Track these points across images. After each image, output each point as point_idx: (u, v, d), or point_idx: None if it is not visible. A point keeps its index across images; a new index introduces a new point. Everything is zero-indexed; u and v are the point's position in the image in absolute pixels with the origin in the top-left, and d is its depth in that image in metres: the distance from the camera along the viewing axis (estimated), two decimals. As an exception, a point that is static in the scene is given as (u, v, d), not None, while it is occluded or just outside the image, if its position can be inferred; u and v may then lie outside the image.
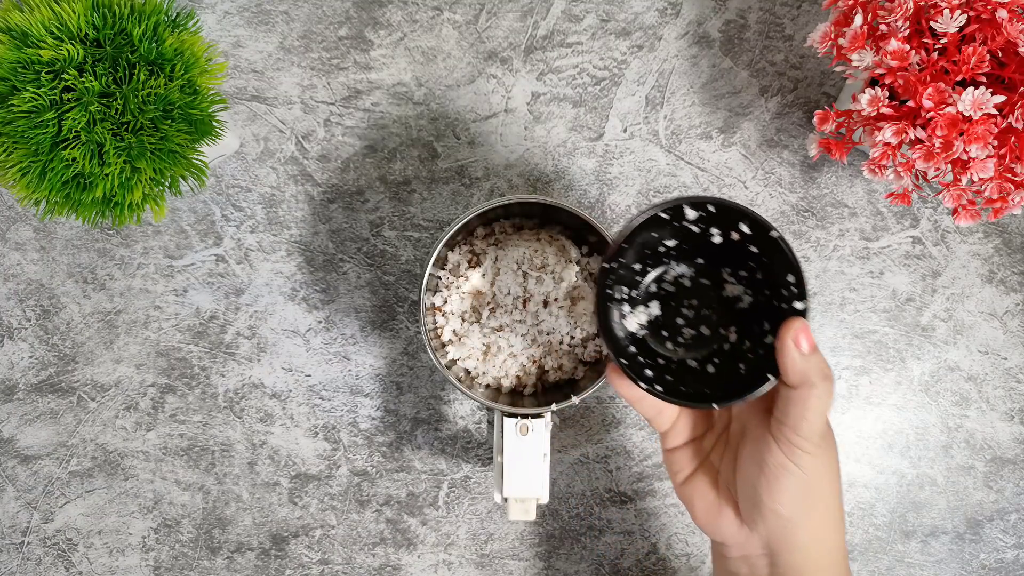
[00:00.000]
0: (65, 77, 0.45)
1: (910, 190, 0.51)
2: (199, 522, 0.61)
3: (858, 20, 0.47)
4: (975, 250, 0.61)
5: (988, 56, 0.45)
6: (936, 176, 0.49)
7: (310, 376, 0.61)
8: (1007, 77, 0.47)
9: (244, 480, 0.61)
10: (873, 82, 0.50)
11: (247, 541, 0.61)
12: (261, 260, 0.61)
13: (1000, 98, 0.45)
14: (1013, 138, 0.46)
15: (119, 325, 0.61)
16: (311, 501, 0.61)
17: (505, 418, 0.53)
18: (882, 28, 0.47)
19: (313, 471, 0.61)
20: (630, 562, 0.62)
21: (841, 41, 0.48)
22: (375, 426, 0.61)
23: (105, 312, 0.61)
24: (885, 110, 0.47)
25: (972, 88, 0.45)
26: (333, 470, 0.61)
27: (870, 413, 0.61)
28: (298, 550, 0.61)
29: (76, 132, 0.46)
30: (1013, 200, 0.48)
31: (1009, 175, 0.47)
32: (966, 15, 0.45)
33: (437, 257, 0.54)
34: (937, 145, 0.46)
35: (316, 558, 0.61)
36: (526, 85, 0.61)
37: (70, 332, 0.61)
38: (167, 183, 0.50)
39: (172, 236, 0.61)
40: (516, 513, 0.53)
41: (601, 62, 0.61)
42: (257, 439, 0.61)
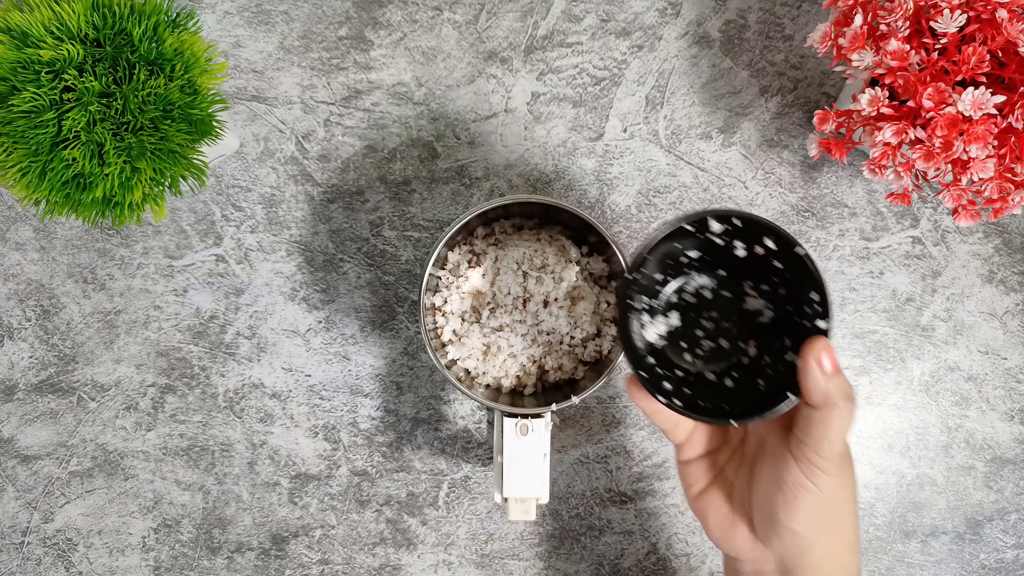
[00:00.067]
0: (65, 77, 0.45)
1: (910, 190, 0.51)
2: (199, 522, 0.61)
3: (858, 20, 0.47)
4: (975, 250, 0.61)
5: (988, 56, 0.45)
6: (936, 176, 0.49)
7: (310, 376, 0.61)
8: (1007, 77, 0.47)
9: (244, 480, 0.61)
10: (873, 82, 0.50)
11: (247, 541, 0.61)
12: (261, 260, 0.61)
13: (1000, 98, 0.45)
14: (1013, 138, 0.46)
15: (119, 325, 0.61)
16: (311, 501, 0.61)
17: (505, 418, 0.53)
18: (882, 28, 0.47)
19: (313, 471, 0.61)
20: (630, 562, 0.62)
21: (841, 41, 0.48)
22: (375, 426, 0.61)
23: (105, 312, 0.61)
24: (885, 110, 0.47)
25: (972, 88, 0.44)
26: (333, 470, 0.61)
27: (870, 413, 0.61)
28: (298, 550, 0.61)
29: (76, 132, 0.46)
30: (1013, 200, 0.48)
31: (1009, 175, 0.47)
32: (966, 15, 0.45)
33: (437, 257, 0.54)
34: (937, 145, 0.46)
35: (316, 558, 0.61)
36: (526, 85, 0.61)
37: (70, 332, 0.61)
38: (167, 183, 0.50)
39: (172, 236, 0.61)
40: (516, 513, 0.53)
41: (601, 62, 0.61)
42: (257, 439, 0.61)
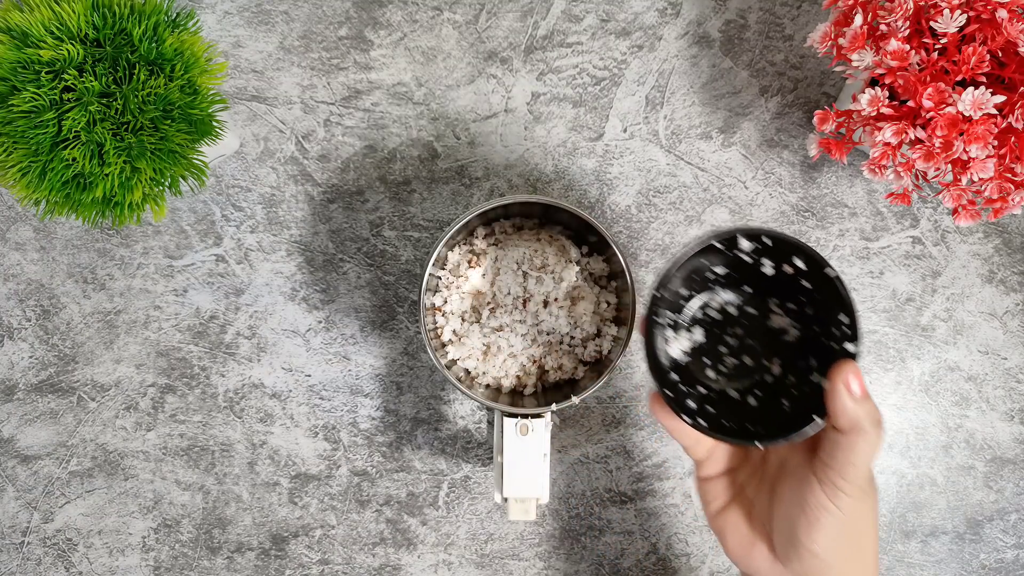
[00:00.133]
0: (65, 77, 0.45)
1: (910, 190, 0.51)
2: (199, 522, 0.61)
3: (858, 20, 0.47)
4: (975, 250, 0.61)
5: (988, 56, 0.45)
6: (936, 176, 0.49)
7: (310, 376, 0.61)
8: (1007, 77, 0.47)
9: (244, 480, 0.61)
10: (873, 82, 0.50)
11: (247, 541, 0.61)
12: (261, 260, 0.61)
13: (1000, 98, 0.45)
14: (1013, 138, 0.46)
15: (119, 325, 0.61)
16: (311, 501, 0.61)
17: (505, 418, 0.53)
18: (882, 28, 0.47)
19: (313, 471, 0.61)
20: (630, 562, 0.62)
21: (841, 41, 0.48)
22: (375, 426, 0.61)
23: (105, 312, 0.61)
24: (885, 110, 0.47)
25: (972, 88, 0.44)
26: (333, 470, 0.61)
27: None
28: (298, 550, 0.61)
29: (76, 132, 0.46)
30: (1013, 200, 0.48)
31: (1009, 175, 0.47)
32: (966, 15, 0.45)
33: (437, 257, 0.54)
34: (937, 145, 0.46)
35: (316, 558, 0.61)
36: (526, 85, 0.61)
37: (70, 332, 0.61)
38: (167, 183, 0.50)
39: (172, 236, 0.61)
40: (516, 513, 0.53)
41: (601, 62, 0.61)
42: (257, 439, 0.61)
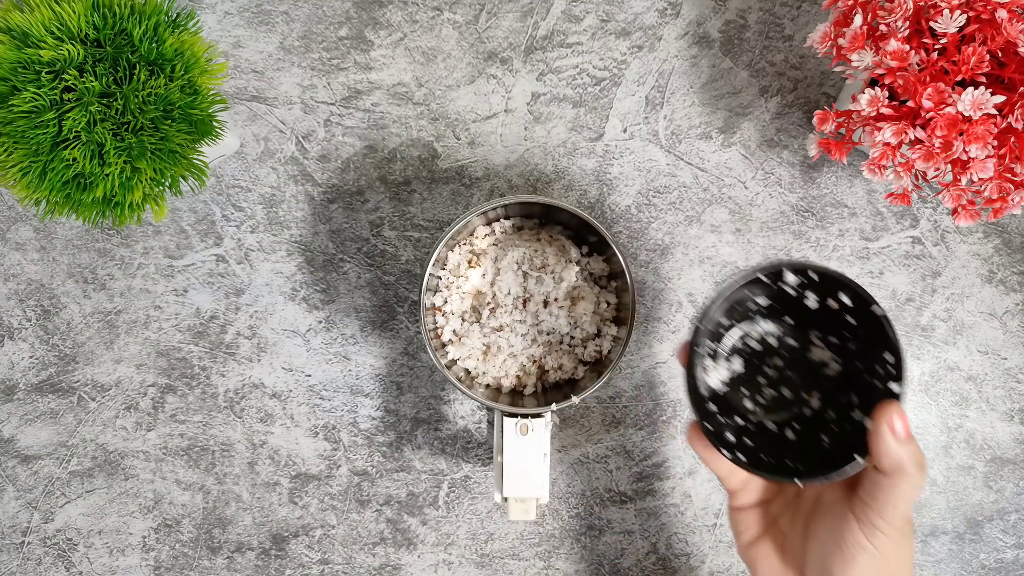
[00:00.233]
0: (65, 77, 0.45)
1: (910, 190, 0.51)
2: (199, 522, 0.61)
3: (858, 20, 0.47)
4: (975, 250, 0.61)
5: (988, 56, 0.45)
6: (936, 176, 0.49)
7: (310, 376, 0.61)
8: (1007, 77, 0.47)
9: (244, 480, 0.61)
10: (873, 82, 0.50)
11: (247, 541, 0.61)
12: (261, 260, 0.61)
13: (1000, 98, 0.45)
14: (1013, 138, 0.46)
15: (119, 325, 0.61)
16: (311, 501, 0.61)
17: (505, 418, 0.53)
18: (882, 28, 0.47)
19: (313, 471, 0.61)
20: (630, 562, 0.62)
21: (841, 41, 0.48)
22: (375, 426, 0.61)
23: (105, 312, 0.61)
24: (885, 110, 0.47)
25: (972, 88, 0.44)
26: (333, 470, 0.61)
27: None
28: (298, 550, 0.61)
29: (76, 132, 0.46)
30: (1013, 200, 0.48)
31: (1009, 175, 0.47)
32: (966, 15, 0.45)
33: (437, 257, 0.54)
34: (937, 145, 0.46)
35: (316, 558, 0.61)
36: (526, 85, 0.61)
37: (70, 332, 0.61)
38: (167, 183, 0.50)
39: (172, 236, 0.61)
40: (516, 513, 0.53)
41: (601, 62, 0.61)
42: (257, 439, 0.61)
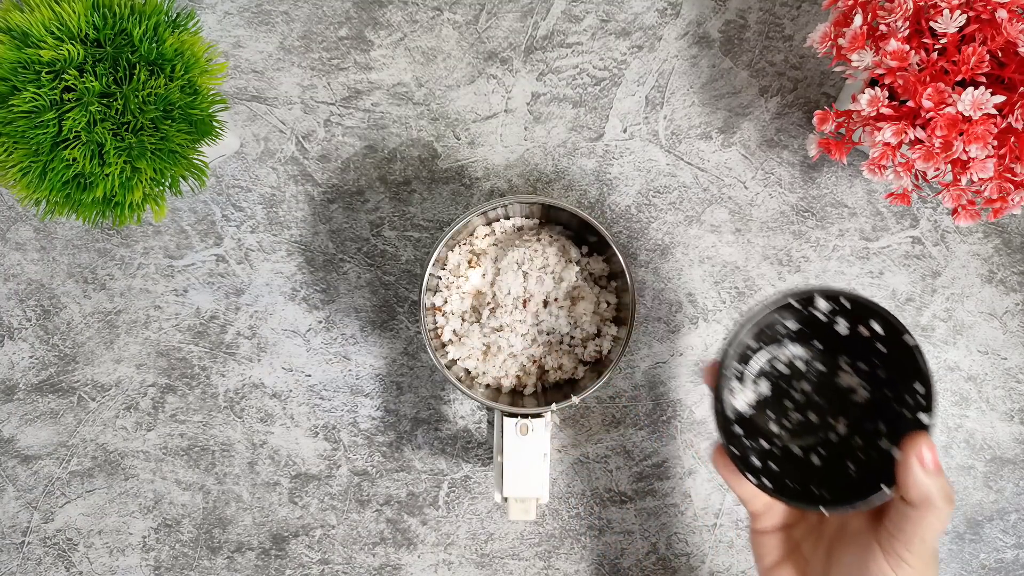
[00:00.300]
0: (65, 77, 0.45)
1: (910, 190, 0.51)
2: (199, 522, 0.61)
3: (858, 20, 0.47)
4: (975, 250, 0.61)
5: (988, 56, 0.45)
6: (936, 176, 0.49)
7: (310, 376, 0.61)
8: (1007, 77, 0.47)
9: (244, 480, 0.61)
10: (873, 82, 0.50)
11: (247, 541, 0.61)
12: (261, 260, 0.61)
13: (1000, 98, 0.45)
14: (1013, 138, 0.46)
15: (119, 325, 0.61)
16: (311, 501, 0.61)
17: (505, 418, 0.53)
18: (882, 28, 0.47)
19: (313, 471, 0.61)
20: (630, 562, 0.62)
21: (841, 41, 0.48)
22: (375, 426, 0.61)
23: (105, 312, 0.61)
24: (885, 110, 0.47)
25: (972, 88, 0.44)
26: (333, 470, 0.61)
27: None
28: (298, 550, 0.61)
29: (76, 132, 0.46)
30: (1013, 200, 0.48)
31: (1009, 175, 0.47)
32: (966, 15, 0.45)
33: (437, 257, 0.54)
34: (937, 145, 0.46)
35: (316, 558, 0.61)
36: (526, 85, 0.61)
37: (70, 332, 0.61)
38: (167, 183, 0.50)
39: (172, 236, 0.61)
40: (516, 513, 0.53)
41: (601, 62, 0.61)
42: (257, 439, 0.61)
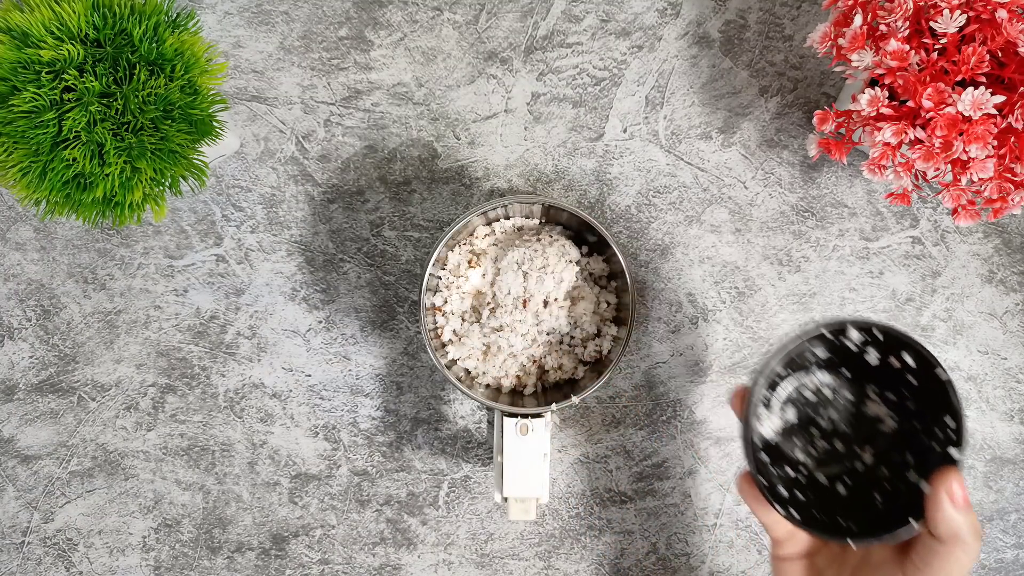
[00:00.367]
0: (65, 77, 0.45)
1: (910, 190, 0.51)
2: (199, 522, 0.61)
3: (858, 20, 0.47)
4: (975, 250, 0.61)
5: (988, 56, 0.45)
6: (936, 176, 0.49)
7: (310, 376, 0.61)
8: (1007, 77, 0.47)
9: (244, 480, 0.61)
10: (873, 82, 0.50)
11: (247, 541, 0.61)
12: (261, 260, 0.61)
13: (1000, 98, 0.45)
14: (1013, 138, 0.46)
15: (119, 325, 0.61)
16: (311, 501, 0.61)
17: (505, 418, 0.53)
18: (882, 28, 0.47)
19: (313, 471, 0.61)
20: (630, 562, 0.62)
21: (841, 41, 0.48)
22: (375, 426, 0.61)
23: (105, 312, 0.61)
24: (885, 110, 0.47)
25: (972, 88, 0.44)
26: (333, 470, 0.61)
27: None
28: (298, 550, 0.61)
29: (76, 132, 0.46)
30: (1013, 200, 0.48)
31: (1009, 175, 0.47)
32: (966, 15, 0.45)
33: (437, 257, 0.54)
34: (937, 145, 0.46)
35: (316, 558, 0.61)
36: (526, 85, 0.61)
37: (70, 332, 0.61)
38: (167, 183, 0.50)
39: (172, 236, 0.61)
40: (516, 513, 0.53)
41: (601, 62, 0.61)
42: (257, 439, 0.61)
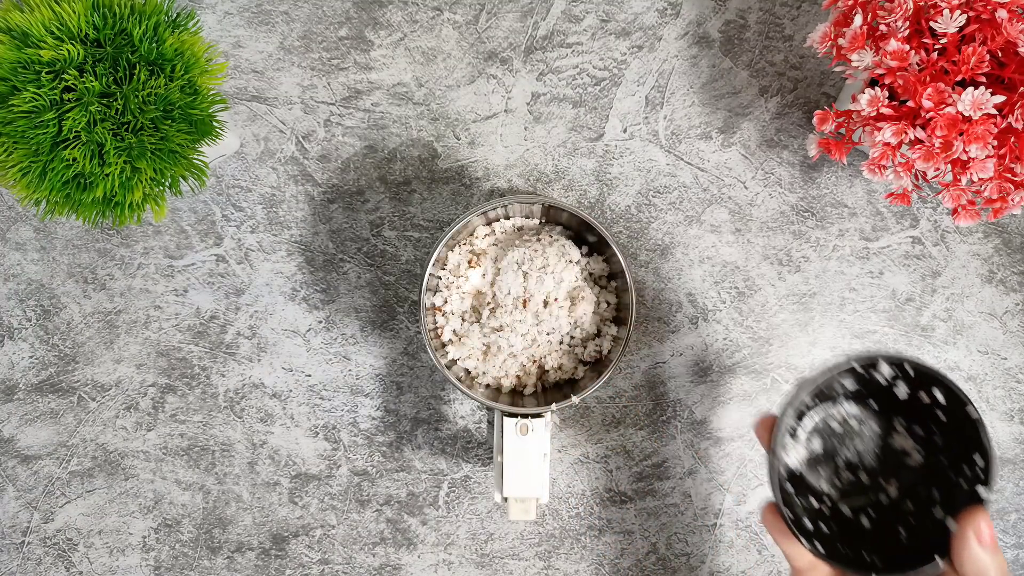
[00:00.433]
0: (65, 77, 0.45)
1: (910, 190, 0.51)
2: (199, 522, 0.61)
3: (858, 20, 0.47)
4: (975, 250, 0.61)
5: (988, 56, 0.45)
6: (936, 176, 0.49)
7: (310, 376, 0.61)
8: (1007, 77, 0.47)
9: (244, 480, 0.61)
10: (873, 82, 0.50)
11: (247, 541, 0.61)
12: (261, 260, 0.61)
13: (1000, 98, 0.45)
14: (1013, 138, 0.46)
15: (119, 325, 0.61)
16: (311, 501, 0.61)
17: (505, 418, 0.53)
18: (882, 28, 0.47)
19: (313, 471, 0.61)
20: (630, 562, 0.62)
21: (841, 41, 0.48)
22: (375, 426, 0.61)
23: (105, 312, 0.61)
24: (885, 110, 0.47)
25: (972, 88, 0.45)
26: (333, 470, 0.61)
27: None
28: (298, 550, 0.61)
29: (76, 132, 0.46)
30: (1013, 200, 0.48)
31: (1009, 175, 0.47)
32: (966, 15, 0.45)
33: (437, 257, 0.54)
34: (937, 145, 0.46)
35: (316, 558, 0.61)
36: (526, 85, 0.61)
37: (70, 332, 0.61)
38: (167, 183, 0.50)
39: (172, 236, 0.61)
40: (516, 513, 0.53)
41: (601, 62, 0.61)
42: (257, 439, 0.61)
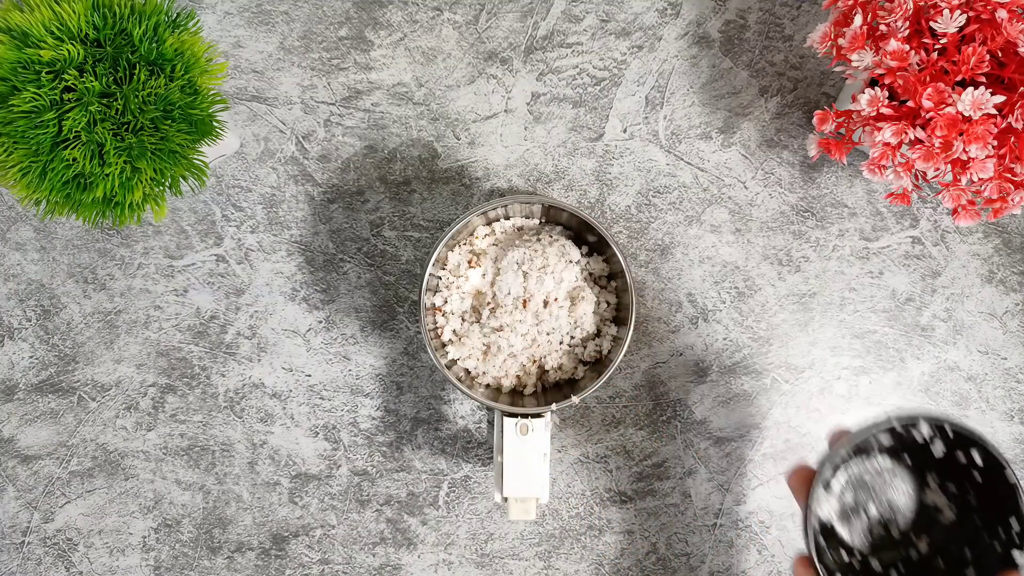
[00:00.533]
0: (65, 77, 0.45)
1: (910, 190, 0.51)
2: (199, 522, 0.61)
3: (858, 20, 0.47)
4: (975, 250, 0.61)
5: (988, 56, 0.45)
6: (936, 176, 0.49)
7: (310, 376, 0.61)
8: (1007, 77, 0.47)
9: (244, 480, 0.61)
10: (873, 82, 0.50)
11: (247, 541, 0.61)
12: (261, 260, 0.61)
13: (1000, 98, 0.45)
14: (1013, 138, 0.46)
15: (119, 325, 0.61)
16: (311, 501, 0.61)
17: (505, 418, 0.53)
18: (882, 28, 0.47)
19: (313, 471, 0.61)
20: (630, 562, 0.62)
21: (841, 41, 0.48)
22: (375, 426, 0.61)
23: (105, 312, 0.61)
24: (885, 110, 0.47)
25: (972, 88, 0.45)
26: (333, 470, 0.61)
27: (870, 413, 0.61)
28: (298, 550, 0.61)
29: (76, 132, 0.46)
30: (1013, 200, 0.48)
31: (1009, 175, 0.47)
32: (966, 15, 0.45)
33: (437, 257, 0.54)
34: (937, 145, 0.46)
35: (316, 558, 0.61)
36: (526, 85, 0.61)
37: (70, 332, 0.61)
38: (167, 183, 0.50)
39: (172, 236, 0.61)
40: (516, 513, 0.53)
41: (601, 62, 0.61)
42: (257, 439, 0.61)
